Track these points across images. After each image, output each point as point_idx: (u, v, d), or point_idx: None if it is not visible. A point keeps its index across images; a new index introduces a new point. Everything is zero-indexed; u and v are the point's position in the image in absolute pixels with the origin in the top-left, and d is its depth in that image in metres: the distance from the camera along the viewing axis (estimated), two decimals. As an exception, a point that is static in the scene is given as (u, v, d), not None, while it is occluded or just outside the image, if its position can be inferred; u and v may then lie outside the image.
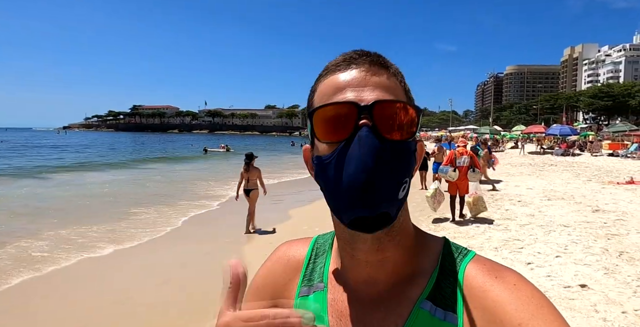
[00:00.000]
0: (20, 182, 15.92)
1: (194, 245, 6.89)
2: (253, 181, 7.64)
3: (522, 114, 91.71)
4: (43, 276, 5.48)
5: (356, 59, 0.57)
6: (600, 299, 3.97)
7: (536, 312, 0.50)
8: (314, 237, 0.73)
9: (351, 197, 0.50)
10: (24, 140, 64.51)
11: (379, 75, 0.56)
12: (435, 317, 0.55)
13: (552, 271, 4.79)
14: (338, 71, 0.57)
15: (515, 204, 9.17)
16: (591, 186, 11.98)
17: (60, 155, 32.67)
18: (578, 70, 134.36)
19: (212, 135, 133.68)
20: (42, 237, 7.21)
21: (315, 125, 0.55)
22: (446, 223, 7.48)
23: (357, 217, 0.51)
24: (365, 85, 0.55)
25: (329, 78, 0.57)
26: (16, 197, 12.01)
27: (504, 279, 0.55)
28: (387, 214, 0.51)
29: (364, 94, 0.54)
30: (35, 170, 20.42)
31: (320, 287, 0.64)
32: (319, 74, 0.60)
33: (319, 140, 0.55)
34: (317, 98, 0.58)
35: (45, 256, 6.21)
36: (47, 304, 4.61)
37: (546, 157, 24.48)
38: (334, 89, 0.56)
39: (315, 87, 0.60)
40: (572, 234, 6.40)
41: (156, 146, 51.90)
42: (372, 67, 0.56)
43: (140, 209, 9.93)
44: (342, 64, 0.57)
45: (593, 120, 70.19)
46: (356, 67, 0.56)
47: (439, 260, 0.60)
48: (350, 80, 0.55)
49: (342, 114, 0.53)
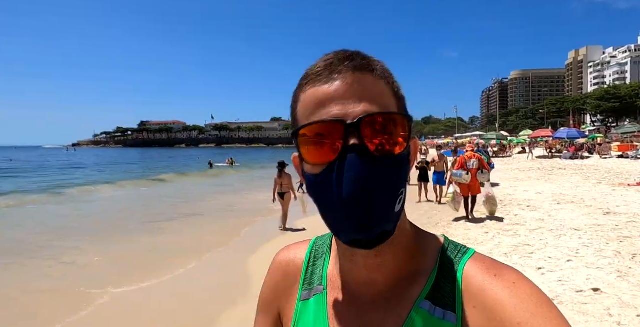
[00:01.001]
0: (60, 198, 15.95)
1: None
2: (286, 185, 8.78)
3: (529, 119, 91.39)
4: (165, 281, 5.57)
5: (338, 65, 0.53)
6: (613, 302, 3.89)
7: (536, 310, 0.50)
8: (313, 240, 0.72)
9: (344, 222, 0.50)
10: (37, 158, 64.64)
11: (364, 82, 0.52)
12: (434, 317, 0.54)
13: (563, 275, 4.71)
14: (319, 82, 0.53)
15: (524, 209, 9.07)
16: (601, 189, 11.82)
17: (82, 173, 32.21)
18: (583, 73, 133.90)
19: (219, 149, 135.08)
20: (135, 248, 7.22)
21: (301, 146, 0.53)
22: (457, 229, 7.42)
23: (355, 240, 0.51)
24: (350, 97, 0.51)
25: (311, 90, 0.53)
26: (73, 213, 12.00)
27: (503, 277, 0.54)
28: (385, 232, 0.51)
29: (349, 108, 0.50)
30: (60, 186, 20.00)
31: (319, 290, 0.64)
32: (300, 81, 0.56)
33: (306, 161, 0.54)
34: (300, 112, 0.55)
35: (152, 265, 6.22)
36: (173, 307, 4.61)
37: (555, 161, 24.25)
38: (317, 102, 0.52)
39: (297, 96, 0.56)
40: (583, 238, 6.30)
41: (164, 162, 52.16)
42: (355, 73, 0.52)
43: (204, 223, 9.94)
44: (324, 73, 0.53)
45: (601, 123, 69.62)
46: (338, 76, 0.52)
47: (438, 259, 0.59)
48: (334, 92, 0.51)
49: (328, 133, 0.50)
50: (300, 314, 0.63)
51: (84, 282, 5.62)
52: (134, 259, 6.76)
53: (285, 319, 0.67)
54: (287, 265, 0.70)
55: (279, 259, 0.72)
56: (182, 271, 6.04)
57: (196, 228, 9.31)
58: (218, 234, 8.50)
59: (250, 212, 11.06)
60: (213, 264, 6.43)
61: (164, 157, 65.75)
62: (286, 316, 0.67)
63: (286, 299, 0.68)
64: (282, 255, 0.72)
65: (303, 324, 0.62)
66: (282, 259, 0.71)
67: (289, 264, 0.70)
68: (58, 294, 5.23)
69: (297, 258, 0.70)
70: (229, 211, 11.71)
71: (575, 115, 72.16)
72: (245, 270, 5.90)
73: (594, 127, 58.07)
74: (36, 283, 5.67)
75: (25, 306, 4.94)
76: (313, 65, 0.55)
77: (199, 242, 7.88)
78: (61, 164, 42.99)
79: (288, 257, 0.71)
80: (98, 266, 6.45)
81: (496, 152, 32.07)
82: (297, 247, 0.72)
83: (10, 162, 50.29)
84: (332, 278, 0.64)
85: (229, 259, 6.64)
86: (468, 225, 7.65)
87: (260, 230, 8.86)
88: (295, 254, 0.71)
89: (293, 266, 0.69)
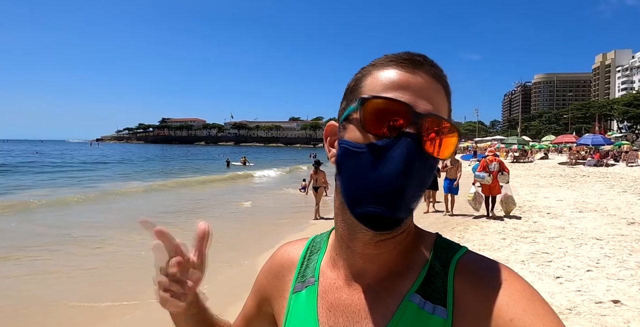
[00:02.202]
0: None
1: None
2: (320, 181, 10.44)
3: (552, 124, 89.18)
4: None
5: (423, 64, 0.57)
6: (634, 315, 3.78)
7: (528, 307, 0.50)
8: (311, 237, 0.76)
9: (377, 196, 0.52)
10: (61, 152, 65.70)
11: (438, 89, 0.57)
12: (423, 310, 0.55)
13: (582, 285, 4.60)
14: (404, 67, 0.56)
15: (544, 216, 8.88)
16: (626, 198, 11.46)
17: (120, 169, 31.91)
18: (611, 78, 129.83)
19: (237, 147, 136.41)
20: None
21: (365, 111, 0.55)
22: (474, 235, 7.32)
23: (371, 214, 0.53)
24: (425, 96, 0.55)
25: (392, 70, 0.57)
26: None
27: (495, 274, 0.55)
28: (398, 219, 0.53)
29: (421, 102, 0.54)
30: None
31: (311, 282, 0.66)
32: (376, 60, 0.60)
33: (363, 128, 0.55)
34: (370, 84, 0.57)
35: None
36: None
37: (578, 168, 23.62)
38: (395, 82, 0.55)
39: (368, 71, 0.59)
40: (604, 248, 6.14)
41: (184, 158, 52.37)
42: (433, 79, 0.57)
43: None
44: (408, 63, 0.57)
45: (628, 129, 67.38)
46: (421, 73, 0.56)
47: (431, 255, 0.60)
48: (415, 83, 0.55)
49: (395, 112, 0.53)
50: (293, 305, 0.66)
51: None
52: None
53: (278, 311, 0.71)
54: (285, 258, 0.74)
55: (279, 252, 0.76)
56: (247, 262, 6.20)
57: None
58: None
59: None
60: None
61: (183, 153, 66.22)
62: (279, 308, 0.70)
63: (279, 291, 0.71)
64: (282, 249, 0.77)
65: (294, 315, 0.65)
66: (281, 253, 0.76)
67: (286, 258, 0.74)
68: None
69: (295, 253, 0.73)
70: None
71: (602, 121, 70.11)
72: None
73: (620, 134, 56.20)
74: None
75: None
76: (392, 54, 0.59)
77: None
78: (83, 160, 41.77)
79: (287, 252, 0.75)
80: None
81: (517, 158, 31.44)
82: (296, 243, 0.76)
83: (36, 155, 51.78)
84: (325, 271, 0.66)
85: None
86: (485, 231, 7.54)
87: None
88: (294, 249, 0.75)
89: (289, 260, 0.73)
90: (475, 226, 8.04)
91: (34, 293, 5.11)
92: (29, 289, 5.27)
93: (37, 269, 6.05)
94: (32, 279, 5.62)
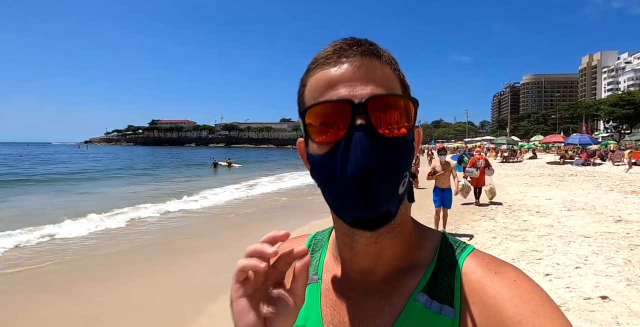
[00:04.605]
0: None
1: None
2: None
3: (541, 124, 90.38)
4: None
5: (346, 50, 0.54)
6: (622, 311, 3.85)
7: (537, 309, 0.49)
8: (312, 234, 0.74)
9: (350, 200, 0.50)
10: (47, 156, 63.20)
11: (372, 66, 0.53)
12: (430, 310, 0.54)
13: (571, 282, 4.67)
14: (328, 65, 0.54)
15: (533, 214, 8.99)
16: (613, 196, 11.65)
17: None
18: (597, 79, 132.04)
19: (228, 149, 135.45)
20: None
21: (307, 125, 0.53)
22: (465, 233, 7.38)
23: (358, 219, 0.51)
24: (357, 80, 0.52)
25: (319, 72, 0.54)
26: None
27: (504, 274, 0.53)
28: (388, 212, 0.51)
29: (357, 89, 0.51)
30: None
31: (314, 279, 0.65)
32: (308, 66, 0.57)
33: (313, 141, 0.54)
34: (308, 94, 0.55)
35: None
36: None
37: (566, 167, 23.94)
38: (325, 84, 0.53)
39: (305, 81, 0.57)
40: (592, 245, 6.23)
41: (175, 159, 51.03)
42: (363, 58, 0.53)
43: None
44: (332, 57, 0.54)
45: (614, 129, 68.55)
46: (347, 60, 0.53)
47: (437, 253, 0.59)
48: (342, 74, 0.52)
49: (335, 113, 0.51)
50: None
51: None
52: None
53: None
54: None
55: (280, 249, 0.74)
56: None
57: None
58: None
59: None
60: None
61: (174, 156, 65.08)
62: None
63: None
64: (283, 246, 0.74)
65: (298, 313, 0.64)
66: (283, 250, 0.74)
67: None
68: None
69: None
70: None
71: (588, 121, 71.20)
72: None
73: (607, 134, 57.22)
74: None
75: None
76: (321, 50, 0.56)
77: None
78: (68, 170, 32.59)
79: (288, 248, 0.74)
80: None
81: (506, 158, 31.78)
82: (297, 240, 0.74)
83: (20, 159, 49.60)
84: (328, 268, 0.65)
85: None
86: (476, 229, 7.61)
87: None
88: (295, 246, 0.73)
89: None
90: (466, 225, 8.11)
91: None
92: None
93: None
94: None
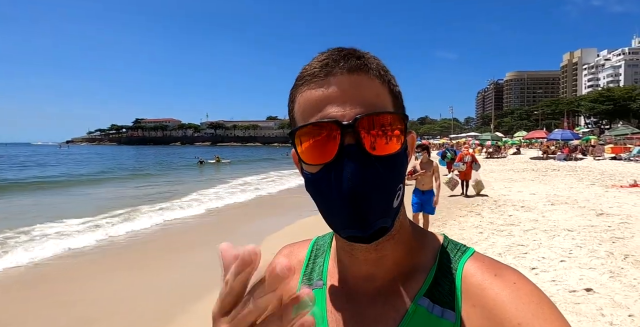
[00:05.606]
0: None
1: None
2: None
3: (524, 120, 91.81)
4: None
5: (333, 67, 0.53)
6: (606, 302, 3.94)
7: (537, 311, 0.49)
8: (314, 239, 0.74)
9: (343, 219, 0.51)
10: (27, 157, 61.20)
11: (360, 84, 0.53)
12: (432, 314, 0.54)
13: (556, 275, 4.76)
14: (315, 84, 0.53)
15: (518, 209, 9.14)
16: (594, 190, 11.93)
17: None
18: (578, 75, 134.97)
19: (214, 147, 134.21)
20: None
21: (298, 147, 0.53)
22: (452, 229, 7.45)
23: (353, 236, 0.51)
24: (345, 99, 0.52)
25: (307, 92, 0.54)
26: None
27: (504, 277, 0.54)
28: (383, 228, 0.51)
29: (346, 109, 0.51)
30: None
31: (319, 285, 0.65)
32: (296, 80, 0.57)
33: (304, 162, 0.54)
34: (298, 113, 0.56)
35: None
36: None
37: (549, 162, 24.42)
38: (313, 104, 0.53)
39: (293, 96, 0.57)
40: (576, 238, 6.36)
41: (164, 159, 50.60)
42: (351, 75, 0.53)
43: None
44: (319, 74, 0.53)
45: (595, 125, 70.20)
46: (334, 79, 0.53)
47: (437, 257, 0.59)
48: (330, 94, 0.52)
49: (324, 134, 0.51)
50: None
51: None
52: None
53: None
54: (290, 260, 0.70)
55: (283, 253, 0.73)
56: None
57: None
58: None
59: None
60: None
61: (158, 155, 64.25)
62: None
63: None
64: (286, 250, 0.74)
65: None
66: (285, 255, 0.73)
67: (292, 259, 0.71)
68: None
69: (300, 255, 0.71)
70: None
71: (570, 117, 72.66)
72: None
73: (587, 129, 58.49)
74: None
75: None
76: (308, 64, 0.56)
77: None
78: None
79: (291, 253, 0.72)
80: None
81: (491, 153, 32.25)
82: (299, 245, 0.74)
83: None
84: (332, 274, 0.65)
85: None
86: (463, 225, 7.69)
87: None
88: (297, 251, 0.72)
89: (294, 262, 0.69)
90: (453, 220, 8.19)
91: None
92: None
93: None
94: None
